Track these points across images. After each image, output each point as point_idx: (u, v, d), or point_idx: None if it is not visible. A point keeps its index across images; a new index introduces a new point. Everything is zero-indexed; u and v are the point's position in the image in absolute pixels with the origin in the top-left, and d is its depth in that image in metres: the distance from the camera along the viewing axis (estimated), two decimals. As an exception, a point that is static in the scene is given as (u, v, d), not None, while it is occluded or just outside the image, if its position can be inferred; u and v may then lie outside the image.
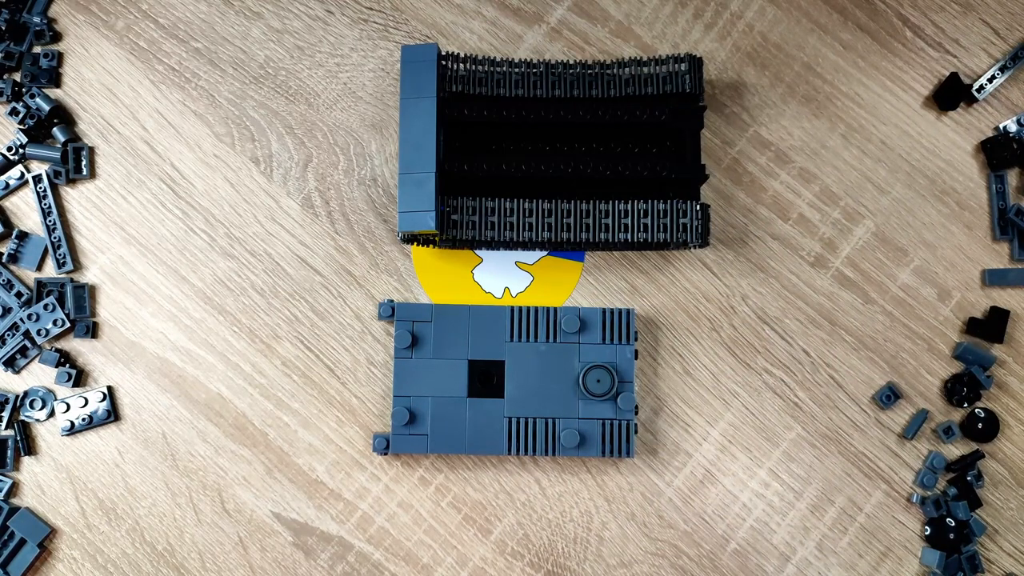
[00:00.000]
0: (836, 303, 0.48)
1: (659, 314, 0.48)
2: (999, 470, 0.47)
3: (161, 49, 0.49)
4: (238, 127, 0.48)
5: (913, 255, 0.48)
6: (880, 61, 0.49)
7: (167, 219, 0.48)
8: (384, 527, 0.46)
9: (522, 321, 0.45)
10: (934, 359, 0.47)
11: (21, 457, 0.46)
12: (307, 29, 0.49)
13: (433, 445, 0.44)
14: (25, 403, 0.46)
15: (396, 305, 0.46)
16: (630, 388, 0.45)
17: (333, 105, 0.49)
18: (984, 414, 0.47)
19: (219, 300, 0.47)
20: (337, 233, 0.48)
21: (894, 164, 0.48)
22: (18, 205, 0.48)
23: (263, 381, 0.47)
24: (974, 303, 0.48)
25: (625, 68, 0.46)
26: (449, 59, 0.46)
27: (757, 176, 0.48)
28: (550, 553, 0.46)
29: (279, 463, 0.46)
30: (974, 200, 0.48)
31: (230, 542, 0.46)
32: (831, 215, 0.48)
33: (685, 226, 0.45)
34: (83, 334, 0.46)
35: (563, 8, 0.49)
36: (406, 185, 0.43)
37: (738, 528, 0.46)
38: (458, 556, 0.45)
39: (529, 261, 0.48)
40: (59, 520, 0.46)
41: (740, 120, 0.49)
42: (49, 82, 0.48)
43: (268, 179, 0.48)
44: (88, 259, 0.48)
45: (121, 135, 0.48)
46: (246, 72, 0.49)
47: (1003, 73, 0.48)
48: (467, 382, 0.45)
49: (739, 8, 0.49)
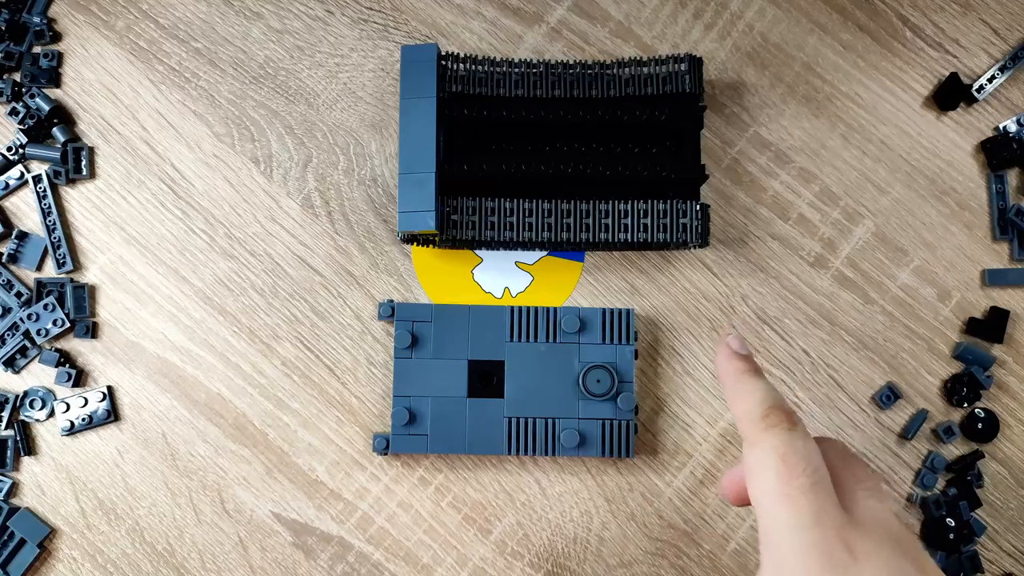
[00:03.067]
0: (836, 303, 0.48)
1: (659, 314, 0.48)
2: (999, 470, 0.47)
3: (161, 49, 0.49)
4: (238, 127, 0.48)
5: (913, 255, 0.48)
6: (880, 61, 0.49)
7: (167, 219, 0.48)
8: (384, 527, 0.46)
9: (522, 321, 0.45)
10: (934, 359, 0.47)
11: (21, 457, 0.46)
12: (307, 29, 0.49)
13: (433, 445, 0.44)
14: (25, 403, 0.46)
15: (396, 305, 0.46)
16: (630, 388, 0.45)
17: (333, 105, 0.49)
18: (984, 414, 0.47)
19: (219, 300, 0.47)
20: (337, 233, 0.48)
21: (894, 164, 0.48)
22: (18, 205, 0.48)
23: (263, 381, 0.47)
24: (974, 303, 0.48)
25: (625, 68, 0.46)
26: (449, 59, 0.46)
27: (757, 176, 0.48)
28: (550, 553, 0.46)
29: (279, 463, 0.46)
30: (974, 200, 0.48)
31: (230, 542, 0.46)
32: (831, 215, 0.48)
33: (685, 226, 0.45)
34: (83, 334, 0.46)
35: (563, 8, 0.49)
36: (406, 185, 0.43)
37: (738, 528, 0.46)
38: (458, 556, 0.45)
39: (529, 261, 0.48)
40: (59, 520, 0.46)
41: (740, 120, 0.49)
42: (49, 82, 0.48)
43: (268, 179, 0.48)
44: (88, 259, 0.48)
45: (121, 135, 0.48)
46: (246, 72, 0.49)
47: (1003, 73, 0.48)
48: (467, 382, 0.45)
49: (739, 8, 0.49)
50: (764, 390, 0.33)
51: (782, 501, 0.29)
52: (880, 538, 0.29)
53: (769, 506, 0.29)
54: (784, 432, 0.30)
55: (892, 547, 0.28)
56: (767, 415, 0.31)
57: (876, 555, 0.28)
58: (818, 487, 0.29)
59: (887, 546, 0.28)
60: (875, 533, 0.29)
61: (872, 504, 0.30)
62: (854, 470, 0.31)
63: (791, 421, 0.31)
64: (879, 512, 0.29)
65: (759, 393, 0.32)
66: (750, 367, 0.34)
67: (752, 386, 0.33)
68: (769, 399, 0.32)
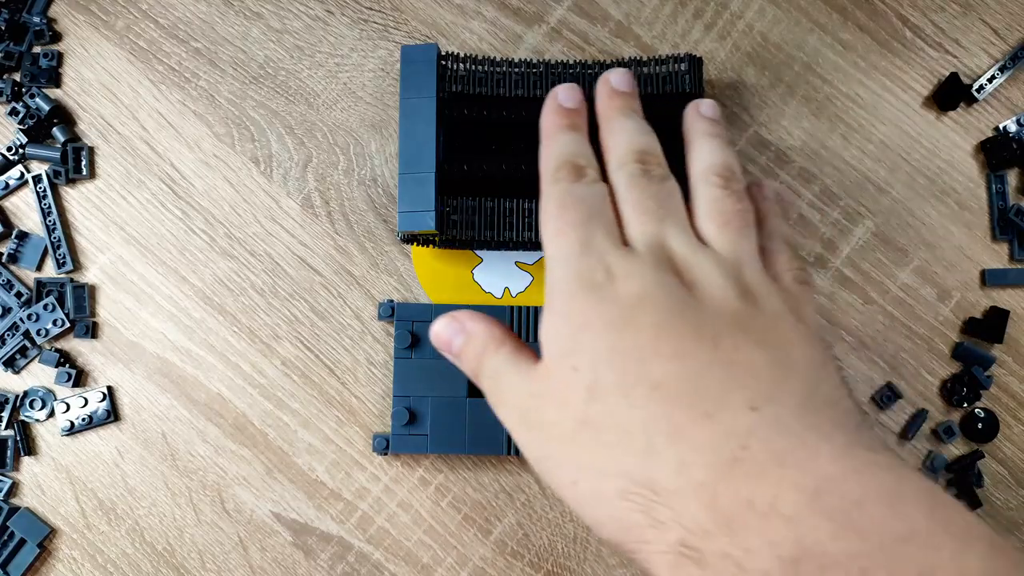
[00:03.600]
0: (836, 303, 0.48)
1: (659, 314, 0.48)
2: (999, 470, 0.47)
3: (161, 49, 0.49)
4: (238, 127, 0.48)
5: (913, 255, 0.48)
6: (880, 61, 0.49)
7: (167, 219, 0.48)
8: (384, 527, 0.46)
9: (522, 321, 0.45)
10: (934, 359, 0.47)
11: (21, 457, 0.46)
12: (307, 29, 0.49)
13: (433, 445, 0.44)
14: (25, 403, 0.46)
15: (396, 305, 0.46)
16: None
17: (333, 105, 0.49)
18: (984, 414, 0.47)
19: (219, 300, 0.47)
20: (337, 233, 0.48)
21: (894, 164, 0.49)
22: (18, 205, 0.48)
23: (263, 381, 0.47)
24: (974, 303, 0.48)
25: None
26: (449, 59, 0.46)
27: (757, 176, 0.48)
28: (550, 553, 0.46)
29: (279, 463, 0.46)
30: (974, 200, 0.48)
31: (230, 542, 0.46)
32: (831, 215, 0.48)
33: (685, 226, 0.45)
34: (83, 334, 0.46)
35: (563, 8, 0.49)
36: (406, 185, 0.43)
37: (738, 528, 0.46)
38: (458, 556, 0.45)
39: (529, 261, 0.48)
40: (59, 520, 0.46)
41: (740, 120, 0.49)
42: (49, 82, 0.48)
43: (268, 179, 0.48)
44: (88, 259, 0.48)
45: (121, 135, 0.48)
46: (246, 72, 0.49)
47: (1003, 73, 0.48)
48: (467, 382, 0.45)
49: (739, 8, 0.49)
50: (567, 144, 0.33)
51: (554, 237, 0.30)
52: (650, 264, 0.28)
53: (547, 246, 0.30)
54: (566, 183, 0.31)
55: (660, 272, 0.28)
56: (558, 169, 0.32)
57: (635, 276, 0.28)
58: (591, 222, 0.30)
59: (651, 270, 0.28)
60: (649, 260, 0.28)
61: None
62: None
63: (577, 174, 0.31)
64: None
65: (559, 148, 0.33)
66: (566, 123, 0.34)
67: (558, 141, 0.33)
68: (565, 154, 0.32)
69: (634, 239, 0.29)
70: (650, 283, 0.28)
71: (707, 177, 0.32)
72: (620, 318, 0.27)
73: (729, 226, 0.30)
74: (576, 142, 0.33)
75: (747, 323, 0.27)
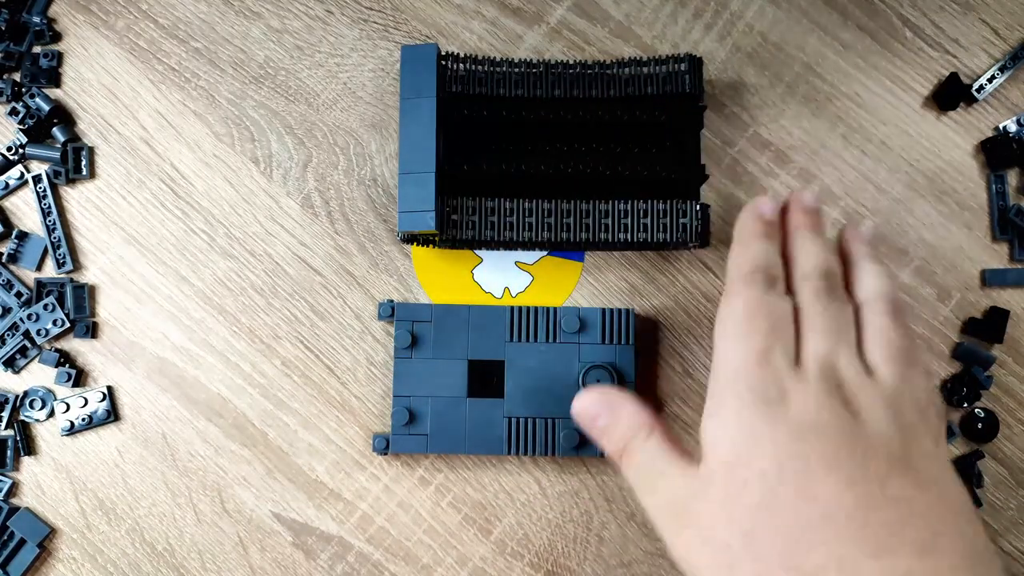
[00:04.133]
0: (836, 303, 0.47)
1: (659, 314, 0.48)
2: (999, 470, 0.47)
3: (161, 49, 0.49)
4: (238, 127, 0.48)
5: (913, 255, 0.48)
6: (880, 61, 0.49)
7: (167, 219, 0.48)
8: (384, 527, 0.46)
9: (522, 321, 0.45)
10: (934, 359, 0.47)
11: (21, 457, 0.46)
12: (307, 29, 0.49)
13: (433, 445, 0.44)
14: (25, 403, 0.46)
15: (396, 305, 0.46)
16: (630, 388, 0.45)
17: (333, 105, 0.49)
18: (984, 414, 0.47)
19: (219, 300, 0.47)
20: (337, 233, 0.48)
21: (894, 164, 0.49)
22: (18, 205, 0.48)
23: (263, 381, 0.47)
24: (974, 303, 0.48)
25: (625, 68, 0.46)
26: (449, 59, 0.46)
27: (757, 176, 0.48)
28: (550, 553, 0.46)
29: (279, 463, 0.46)
30: (974, 200, 0.48)
31: (230, 542, 0.46)
32: (831, 215, 0.48)
33: (685, 226, 0.45)
34: (83, 334, 0.46)
35: (563, 8, 0.49)
36: (406, 185, 0.43)
37: (738, 528, 0.46)
38: (458, 556, 0.45)
39: (529, 261, 0.48)
40: (59, 520, 0.46)
41: (740, 120, 0.49)
42: (49, 82, 0.48)
43: (268, 179, 0.48)
44: (88, 259, 0.48)
45: (121, 135, 0.48)
46: (246, 72, 0.49)
47: (1003, 73, 0.48)
48: (467, 382, 0.45)
49: (739, 8, 0.49)
50: (764, 252, 0.34)
51: (735, 338, 0.31)
52: (823, 390, 0.30)
53: (722, 343, 0.31)
54: (759, 290, 0.32)
55: (831, 399, 0.29)
56: (753, 272, 0.33)
57: (808, 402, 0.29)
58: (774, 334, 0.31)
59: (824, 396, 0.29)
60: (822, 386, 0.30)
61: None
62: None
63: (771, 283, 0.33)
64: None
65: (756, 253, 0.34)
66: (764, 231, 0.35)
67: (754, 248, 0.34)
68: (761, 260, 0.33)
69: (808, 355, 0.31)
70: (822, 410, 0.29)
71: (876, 305, 0.33)
72: (792, 441, 0.28)
73: (895, 361, 0.31)
74: (773, 253, 0.34)
75: (908, 462, 0.28)
